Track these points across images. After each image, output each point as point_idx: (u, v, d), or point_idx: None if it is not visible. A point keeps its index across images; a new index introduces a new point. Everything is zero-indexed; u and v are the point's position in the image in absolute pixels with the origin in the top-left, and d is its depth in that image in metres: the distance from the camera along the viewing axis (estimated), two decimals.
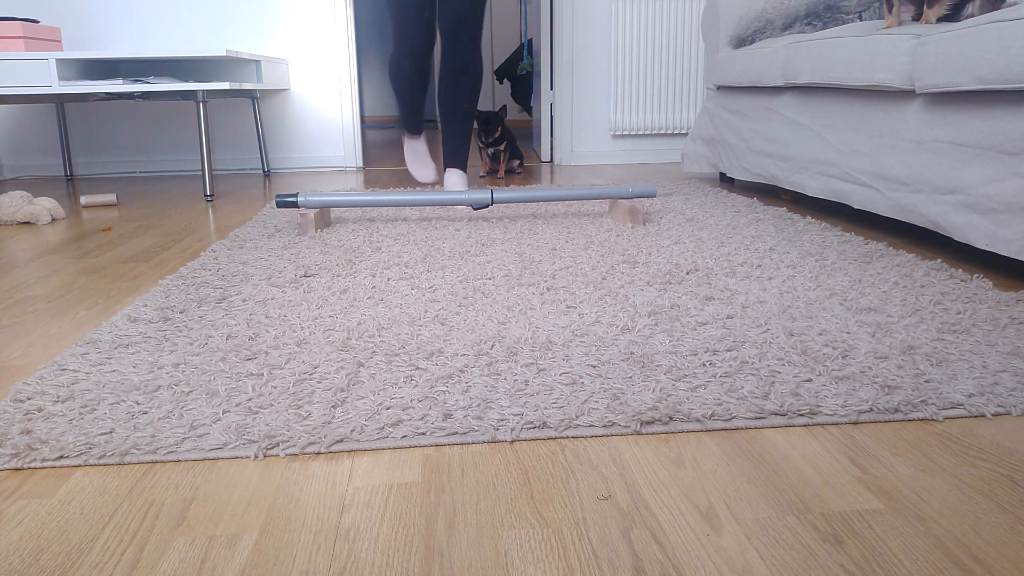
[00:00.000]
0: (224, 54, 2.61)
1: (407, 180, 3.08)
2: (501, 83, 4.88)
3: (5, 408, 0.90)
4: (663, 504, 0.70)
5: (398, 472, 0.76)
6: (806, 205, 2.28)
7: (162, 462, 0.79)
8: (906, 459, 0.77)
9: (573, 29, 3.50)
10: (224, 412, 0.88)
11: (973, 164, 1.43)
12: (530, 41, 4.23)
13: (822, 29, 2.37)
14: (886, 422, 0.85)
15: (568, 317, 1.20)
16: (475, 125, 3.20)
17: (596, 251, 1.66)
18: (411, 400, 0.90)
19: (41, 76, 2.57)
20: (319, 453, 0.80)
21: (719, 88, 2.68)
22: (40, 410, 0.89)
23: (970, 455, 0.78)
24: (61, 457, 0.79)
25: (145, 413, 0.88)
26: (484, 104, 7.08)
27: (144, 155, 3.53)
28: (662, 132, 3.63)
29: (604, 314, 1.21)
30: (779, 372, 0.96)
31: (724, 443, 0.81)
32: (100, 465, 0.79)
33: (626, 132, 3.60)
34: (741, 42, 2.55)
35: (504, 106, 3.26)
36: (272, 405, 0.90)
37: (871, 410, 0.87)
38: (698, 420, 0.85)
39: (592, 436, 0.83)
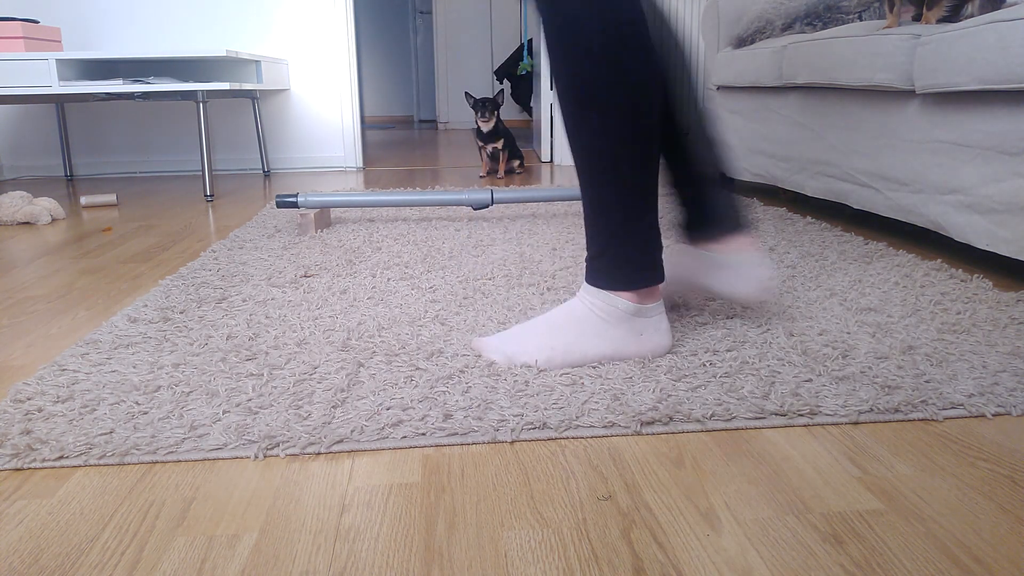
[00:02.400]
0: (224, 54, 2.61)
1: (407, 180, 3.08)
2: (501, 83, 4.88)
3: (5, 408, 0.90)
4: (663, 504, 0.70)
5: (398, 472, 0.76)
6: (806, 205, 2.28)
7: (162, 462, 0.79)
8: (906, 459, 0.77)
9: None
10: (224, 412, 0.88)
11: (973, 164, 1.43)
12: (530, 41, 4.23)
13: (822, 29, 2.37)
14: (886, 422, 0.85)
15: None
16: (475, 113, 3.12)
17: None
18: (411, 400, 0.90)
19: (41, 76, 2.57)
20: (319, 453, 0.80)
21: (719, 88, 2.68)
22: (40, 410, 0.89)
23: (970, 455, 0.78)
24: (61, 457, 0.79)
25: (145, 413, 0.88)
26: None
27: (144, 155, 3.53)
28: None
29: None
30: (779, 372, 0.96)
31: (724, 443, 0.81)
32: (100, 465, 0.79)
33: None
34: (741, 42, 2.55)
35: (501, 91, 3.27)
36: (272, 405, 0.90)
37: (871, 410, 0.87)
38: (698, 420, 0.85)
39: (592, 436, 0.83)
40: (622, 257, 1.00)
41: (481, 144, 3.19)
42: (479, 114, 3.10)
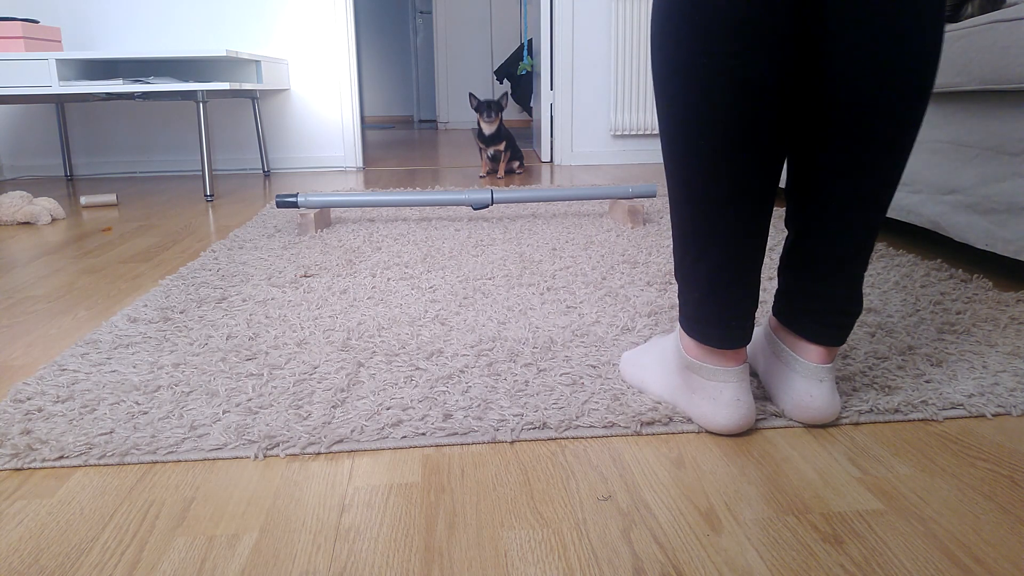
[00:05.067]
0: (224, 54, 2.61)
1: (407, 180, 3.08)
2: (501, 83, 4.88)
3: (5, 408, 0.90)
4: (663, 504, 0.70)
5: (398, 472, 0.76)
6: None
7: (162, 462, 0.79)
8: (906, 459, 0.77)
9: (573, 29, 3.50)
10: (224, 412, 0.88)
11: (973, 164, 1.43)
12: (530, 41, 4.23)
13: None
14: (886, 422, 0.85)
15: (568, 317, 1.20)
16: (478, 115, 3.07)
17: (596, 251, 1.66)
18: (411, 400, 0.90)
19: (41, 76, 2.57)
20: (319, 453, 0.80)
21: None
22: (40, 410, 0.89)
23: (970, 455, 0.78)
24: (61, 457, 0.79)
25: (145, 413, 0.88)
26: None
27: (144, 155, 3.53)
28: None
29: (604, 314, 1.21)
30: None
31: (724, 443, 0.81)
32: (100, 465, 0.79)
33: (626, 132, 3.60)
34: None
35: (505, 93, 3.25)
36: (272, 405, 0.90)
37: (871, 410, 0.87)
38: None
39: (592, 437, 0.83)
40: (683, 292, 0.84)
41: (482, 146, 3.18)
42: (483, 115, 3.08)
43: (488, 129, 3.10)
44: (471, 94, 3.17)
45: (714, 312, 0.80)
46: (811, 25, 0.73)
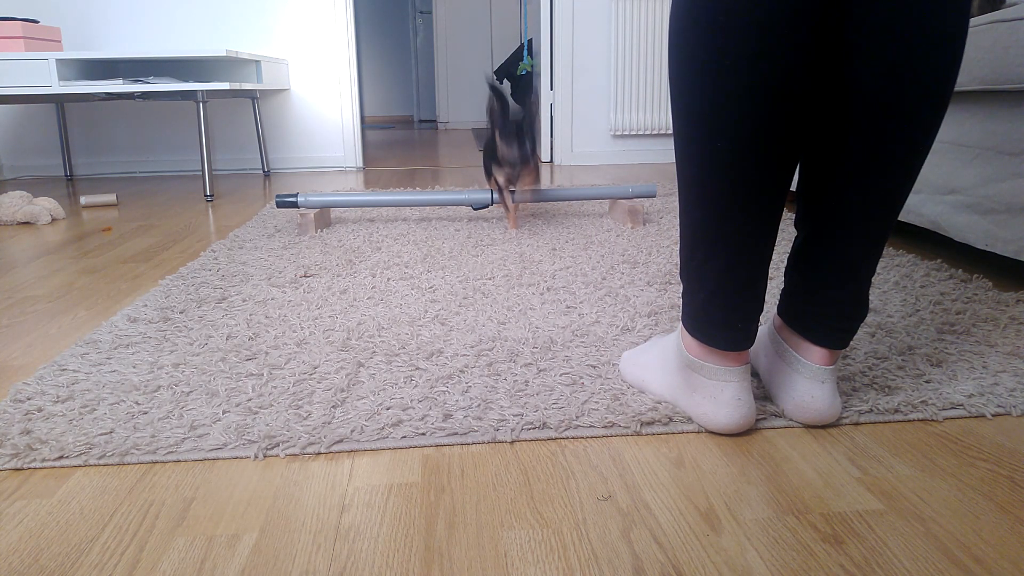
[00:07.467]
0: (224, 54, 2.61)
1: (407, 180, 3.08)
2: (501, 83, 4.88)
3: (5, 408, 0.90)
4: (663, 504, 0.70)
5: (398, 472, 0.76)
6: None
7: (162, 462, 0.79)
8: (906, 459, 0.77)
9: (573, 29, 3.50)
10: (224, 412, 0.88)
11: (973, 164, 1.43)
12: (530, 41, 4.23)
13: None
14: (886, 423, 0.85)
15: (568, 317, 1.20)
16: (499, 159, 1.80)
17: (596, 251, 1.66)
18: (411, 400, 0.90)
19: (41, 76, 2.57)
20: (319, 453, 0.80)
21: None
22: (40, 410, 0.89)
23: (970, 455, 0.78)
24: (61, 457, 0.79)
25: (145, 413, 0.88)
26: (478, 106, 7.08)
27: (144, 155, 3.53)
28: (662, 132, 3.63)
29: (604, 314, 1.21)
30: None
31: (724, 443, 0.81)
32: (100, 465, 0.79)
33: (626, 132, 3.60)
34: None
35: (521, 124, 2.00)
36: (272, 405, 0.90)
37: (871, 411, 0.87)
38: None
39: (592, 437, 0.83)
40: (688, 292, 0.84)
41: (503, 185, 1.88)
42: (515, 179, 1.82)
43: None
44: (516, 124, 1.81)
45: (720, 314, 0.80)
46: (831, 27, 0.72)
